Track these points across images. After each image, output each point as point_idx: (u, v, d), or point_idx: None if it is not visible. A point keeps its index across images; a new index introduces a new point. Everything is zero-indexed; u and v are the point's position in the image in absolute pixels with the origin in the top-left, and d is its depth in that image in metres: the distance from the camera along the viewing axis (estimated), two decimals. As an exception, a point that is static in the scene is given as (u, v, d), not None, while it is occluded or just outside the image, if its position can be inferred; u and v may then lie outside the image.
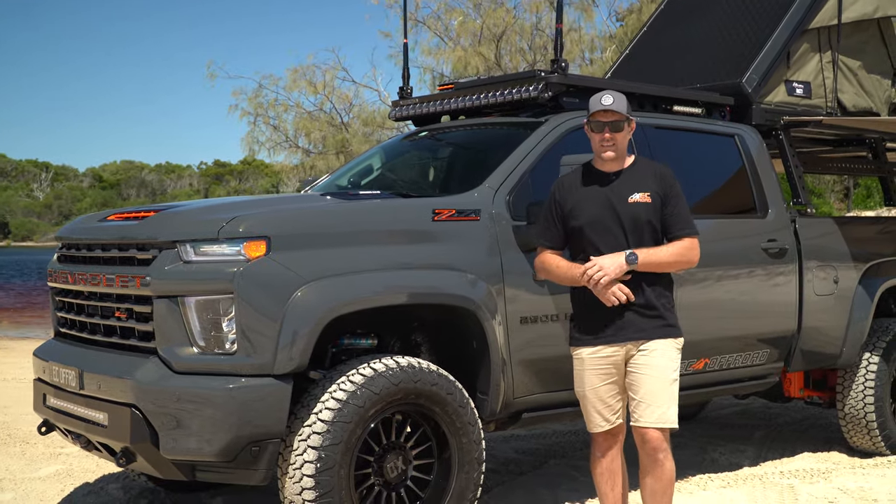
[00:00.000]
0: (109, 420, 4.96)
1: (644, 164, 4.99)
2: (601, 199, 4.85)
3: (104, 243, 5.31)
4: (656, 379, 4.77)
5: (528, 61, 29.20)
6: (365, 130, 33.66)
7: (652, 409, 4.76)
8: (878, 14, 8.17)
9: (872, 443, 7.56)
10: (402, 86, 7.39)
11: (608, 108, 4.82)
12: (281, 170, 42.75)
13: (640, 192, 4.81)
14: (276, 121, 34.38)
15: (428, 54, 31.37)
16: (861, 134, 8.23)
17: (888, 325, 7.70)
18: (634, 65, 8.55)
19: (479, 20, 30.05)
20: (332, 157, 33.71)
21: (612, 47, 29.03)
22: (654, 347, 4.79)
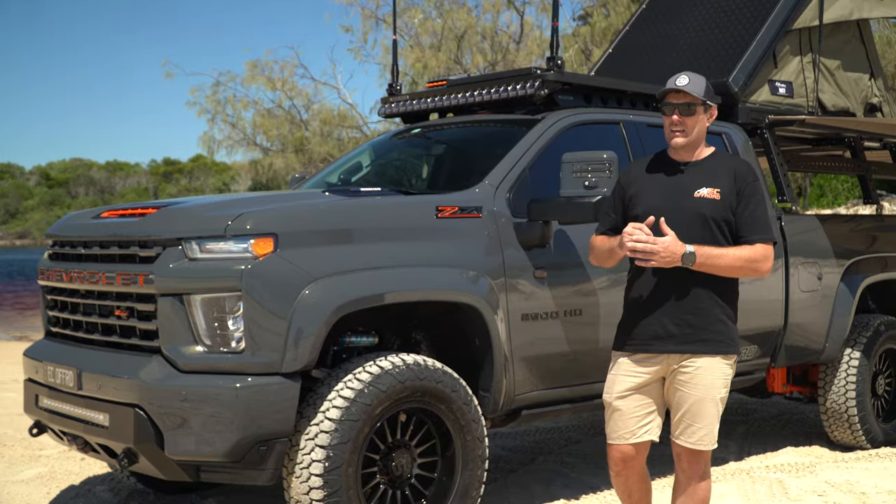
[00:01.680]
0: (111, 421, 4.88)
1: (722, 159, 4.55)
2: (665, 190, 4.44)
3: (102, 240, 5.22)
4: (701, 399, 4.40)
5: (487, 61, 29.23)
6: (325, 129, 33.53)
7: (692, 430, 4.42)
8: (853, 16, 8.28)
9: (854, 437, 7.66)
10: (392, 82, 7.36)
11: (681, 89, 4.38)
12: (234, 168, 42.46)
13: (708, 188, 4.38)
14: (234, 118, 34.13)
15: (387, 52, 31.29)
16: (840, 133, 8.32)
17: (868, 320, 7.80)
18: (618, 63, 8.58)
19: (438, 20, 30.04)
20: (291, 155, 33.54)
21: (575, 46, 29.13)
22: (701, 364, 4.39)
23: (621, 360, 4.57)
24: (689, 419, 4.44)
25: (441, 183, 6.40)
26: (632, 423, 4.54)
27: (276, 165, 35.15)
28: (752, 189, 4.43)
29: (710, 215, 4.37)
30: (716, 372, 4.43)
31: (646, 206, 4.44)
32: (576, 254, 5.75)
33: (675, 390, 4.48)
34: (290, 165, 34.80)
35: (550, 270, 5.64)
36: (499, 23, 30.20)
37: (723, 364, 4.45)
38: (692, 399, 4.42)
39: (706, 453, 4.50)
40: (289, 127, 34.08)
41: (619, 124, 6.39)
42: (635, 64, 8.39)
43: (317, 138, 33.32)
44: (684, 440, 4.47)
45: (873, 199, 8.43)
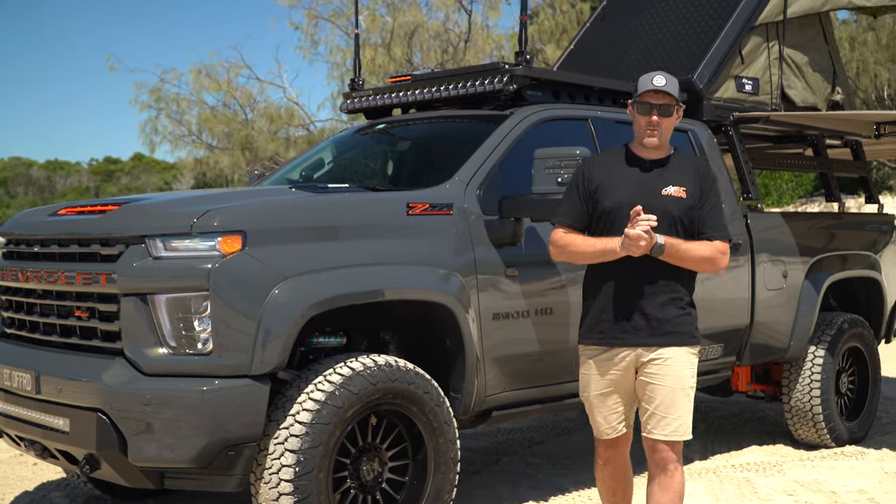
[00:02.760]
0: (72, 426, 4.69)
1: (684, 159, 4.63)
2: (634, 186, 4.47)
3: (61, 238, 5.02)
4: (671, 389, 4.43)
5: (437, 60, 29.10)
6: (270, 127, 33.19)
7: (666, 422, 4.44)
8: (826, 7, 8.26)
9: (818, 436, 7.64)
10: (354, 78, 7.21)
11: (660, 89, 4.41)
12: (178, 166, 41.96)
13: (675, 186, 4.44)
14: (178, 115, 33.67)
15: (336, 51, 31.09)
16: (802, 131, 8.31)
17: (832, 318, 7.79)
18: (579, 60, 8.50)
19: (388, 18, 29.87)
20: (238, 153, 33.17)
21: (524, 45, 29.04)
22: (668, 355, 4.43)
23: (591, 357, 4.62)
24: (662, 411, 4.46)
25: (408, 180, 6.26)
26: (613, 419, 4.64)
27: (221, 163, 34.74)
28: (712, 188, 4.55)
29: (677, 214, 4.45)
30: (684, 363, 4.49)
31: (614, 201, 4.48)
32: (548, 251, 5.63)
33: (644, 384, 4.51)
34: (236, 163, 34.42)
35: (522, 268, 5.54)
36: (448, 21, 30.09)
37: (689, 354, 4.53)
38: (664, 391, 4.46)
39: (679, 444, 4.52)
40: (234, 125, 33.67)
41: (588, 120, 6.31)
42: (597, 61, 8.32)
43: (263, 136, 32.95)
44: (659, 433, 4.48)
45: (836, 197, 8.43)
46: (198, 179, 52.08)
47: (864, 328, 8.02)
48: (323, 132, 33.99)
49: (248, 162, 34.08)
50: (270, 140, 33.56)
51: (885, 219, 8.60)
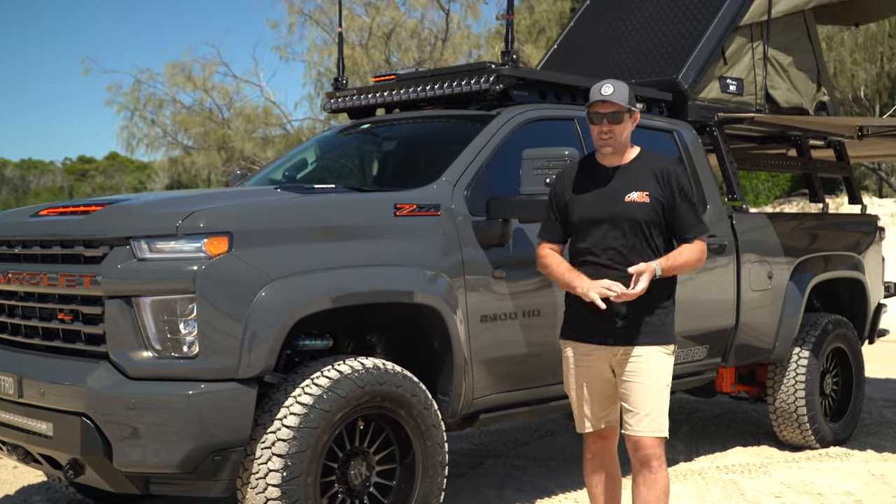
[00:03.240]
0: (55, 430, 4.61)
1: (648, 160, 4.66)
2: (597, 196, 4.58)
3: (43, 240, 4.93)
4: (647, 387, 4.54)
5: (414, 59, 29.07)
6: (248, 126, 33.06)
7: (641, 418, 4.55)
8: (811, 4, 8.25)
9: (803, 437, 7.64)
10: (338, 77, 7.15)
11: (607, 99, 4.52)
12: (153, 166, 41.71)
13: (637, 191, 4.52)
14: (153, 116, 33.47)
15: (315, 49, 31.00)
16: (786, 131, 8.31)
17: (816, 319, 7.79)
18: (564, 60, 8.46)
19: (366, 18, 29.79)
20: (214, 153, 33.02)
21: (501, 45, 29.08)
22: (643, 353, 4.54)
23: (570, 352, 4.73)
24: (637, 408, 4.57)
25: (394, 180, 6.19)
26: (597, 410, 4.73)
27: (197, 163, 34.61)
28: (681, 187, 4.58)
29: (642, 218, 4.51)
30: (657, 361, 4.58)
31: (580, 214, 4.62)
32: (535, 252, 5.60)
33: (620, 381, 4.62)
34: (212, 163, 34.31)
35: (509, 270, 5.50)
36: (426, 20, 30.07)
37: (663, 353, 4.60)
38: (637, 388, 4.56)
39: (660, 441, 4.59)
40: (210, 124, 33.51)
41: (574, 121, 6.27)
42: (581, 60, 8.28)
43: (240, 136, 32.82)
44: (634, 429, 4.58)
45: (820, 198, 8.43)
46: (172, 179, 51.84)
47: (848, 329, 8.02)
48: (300, 131, 33.91)
49: (225, 162, 33.97)
50: (247, 139, 33.45)
51: (868, 220, 8.61)
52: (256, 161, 33.95)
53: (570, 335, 4.72)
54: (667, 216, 4.56)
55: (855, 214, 8.69)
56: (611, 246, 4.51)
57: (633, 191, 4.53)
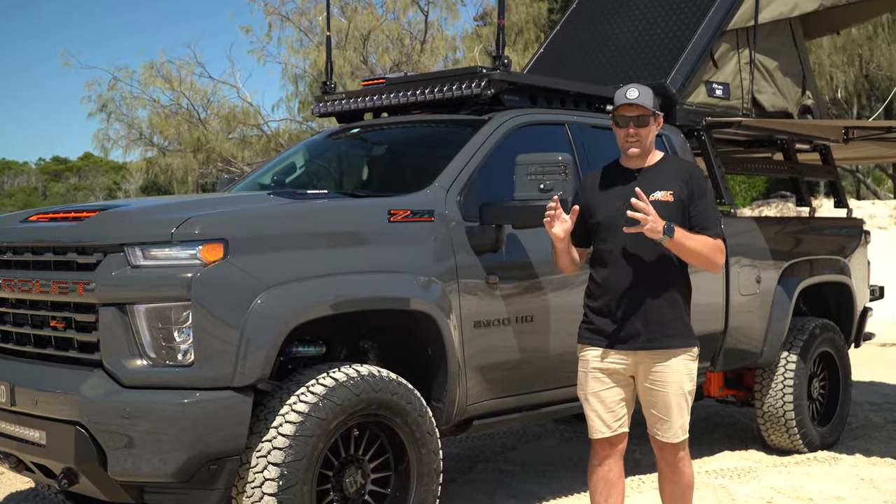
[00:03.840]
0: (48, 439, 4.57)
1: (671, 163, 4.80)
2: (621, 197, 4.59)
3: (35, 246, 4.88)
4: (673, 394, 4.64)
5: (392, 60, 28.98)
6: (224, 128, 32.86)
7: (667, 425, 4.69)
8: (795, 13, 8.29)
9: (791, 441, 7.66)
10: (326, 80, 7.11)
11: (633, 102, 4.59)
12: (128, 167, 41.48)
13: (661, 191, 4.59)
14: (129, 117, 33.22)
15: (292, 51, 30.86)
16: (772, 135, 8.33)
17: (804, 323, 7.81)
18: (551, 63, 8.45)
19: (342, 19, 29.67)
20: (190, 154, 32.81)
21: (480, 47, 29.10)
22: (666, 360, 4.62)
23: (590, 357, 4.76)
24: (662, 414, 4.68)
25: (385, 185, 6.15)
26: (609, 418, 4.76)
27: (173, 165, 34.39)
28: (703, 189, 4.69)
29: (666, 217, 4.51)
30: (681, 368, 4.67)
31: (604, 215, 4.69)
32: (529, 259, 5.61)
33: (645, 389, 4.70)
34: (188, 165, 34.10)
35: (503, 276, 5.49)
36: (403, 22, 29.99)
37: (686, 360, 4.69)
38: (662, 396, 4.66)
39: (684, 442, 4.76)
40: (187, 126, 33.29)
41: (565, 125, 6.27)
42: (569, 64, 8.27)
43: (217, 137, 32.61)
44: (660, 435, 4.73)
45: (806, 202, 8.46)
46: (147, 181, 51.45)
47: (835, 333, 8.06)
48: (278, 133, 33.75)
49: (202, 163, 33.77)
50: (224, 140, 33.25)
51: (854, 223, 8.66)
52: (233, 162, 33.79)
53: (591, 340, 4.76)
54: (688, 215, 4.63)
55: (841, 218, 8.74)
56: (633, 244, 4.57)
57: (657, 190, 4.60)
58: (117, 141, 34.20)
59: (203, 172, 33.55)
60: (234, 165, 33.14)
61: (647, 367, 4.65)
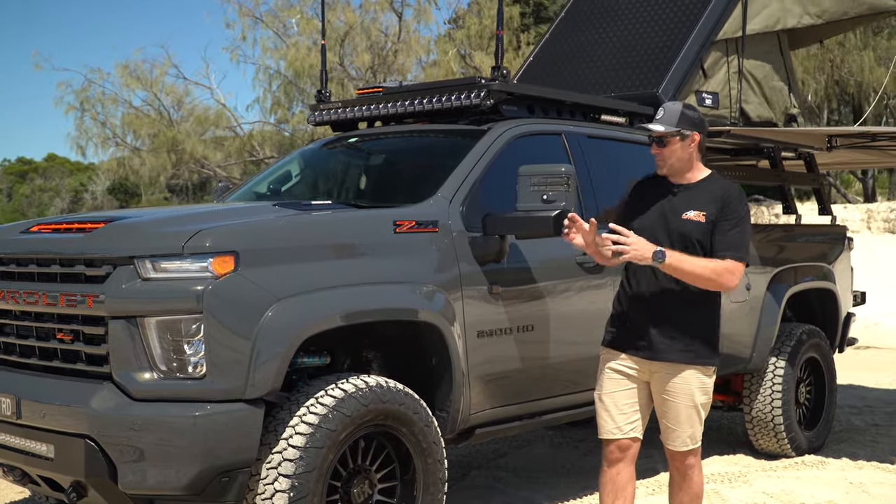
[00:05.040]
0: (57, 452, 4.54)
1: (712, 183, 4.78)
2: (658, 209, 4.75)
3: (40, 258, 4.86)
4: (684, 405, 4.72)
5: (368, 63, 29.00)
6: (198, 129, 32.76)
7: (676, 434, 4.78)
8: (778, 26, 8.40)
9: (779, 445, 7.75)
10: (321, 89, 7.11)
11: (654, 124, 4.73)
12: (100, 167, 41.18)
13: (695, 210, 4.65)
14: (103, 116, 33.06)
15: (266, 53, 30.81)
16: (758, 143, 8.42)
17: (791, 329, 7.90)
18: (540, 73, 8.50)
19: (316, 20, 29.63)
20: (164, 155, 32.68)
21: (454, 51, 29.15)
22: (685, 374, 4.69)
23: (609, 358, 4.87)
24: (672, 425, 4.78)
25: (384, 195, 6.13)
26: (620, 420, 4.84)
27: (147, 165, 34.24)
28: (736, 213, 4.67)
29: (695, 237, 4.64)
30: (694, 382, 4.73)
31: (639, 224, 4.74)
32: (531, 269, 5.65)
33: (659, 398, 4.80)
34: (162, 165, 33.98)
35: (506, 286, 5.53)
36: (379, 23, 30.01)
37: (700, 375, 4.74)
38: (674, 407, 4.74)
39: (695, 451, 4.86)
40: (160, 126, 33.16)
41: (562, 135, 6.31)
42: (559, 73, 8.33)
43: (191, 139, 32.51)
44: (670, 444, 4.84)
45: (793, 209, 8.56)
46: (115, 182, 51.08)
47: (820, 339, 8.16)
48: (252, 135, 33.68)
49: (175, 164, 33.65)
50: (198, 142, 33.16)
51: (838, 230, 8.76)
52: (206, 164, 33.69)
53: (614, 344, 4.85)
54: (713, 233, 4.65)
55: (826, 225, 8.83)
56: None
57: (691, 209, 4.68)
58: (90, 139, 34.01)
59: (176, 173, 33.44)
60: (207, 167, 33.05)
61: (662, 378, 4.74)
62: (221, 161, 33.68)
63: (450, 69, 28.42)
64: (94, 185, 59.46)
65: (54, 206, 57.39)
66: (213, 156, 33.45)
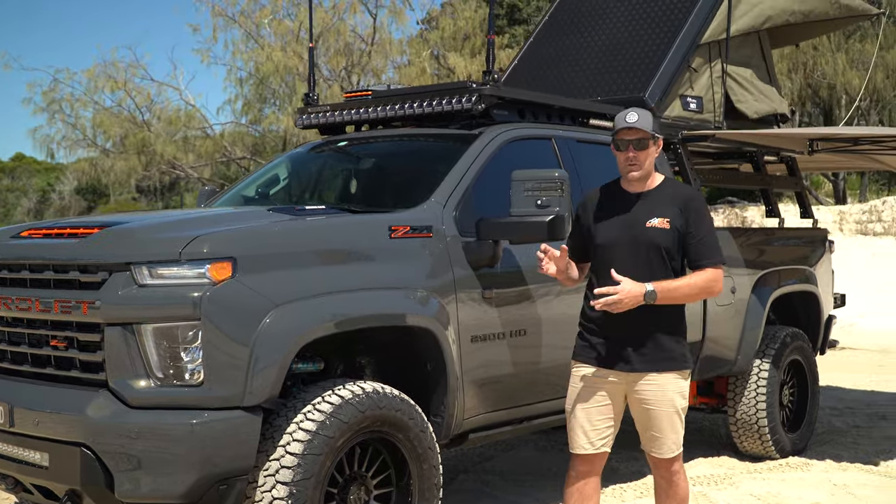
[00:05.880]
0: (51, 461, 4.50)
1: (670, 188, 4.81)
2: (620, 221, 4.70)
3: (33, 264, 4.80)
4: (665, 413, 4.70)
5: (342, 64, 28.93)
6: (168, 130, 32.57)
7: (661, 442, 4.75)
8: (767, 25, 8.44)
9: (763, 447, 7.79)
10: (308, 92, 7.08)
11: (633, 126, 4.64)
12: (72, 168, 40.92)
13: (658, 218, 4.63)
14: (72, 118, 32.80)
15: (236, 54, 30.67)
16: (741, 147, 8.46)
17: (775, 332, 7.95)
18: (526, 77, 8.49)
19: (288, 20, 29.57)
20: (134, 156, 32.46)
21: (427, 51, 29.13)
22: (659, 381, 4.67)
23: (582, 373, 4.81)
24: (655, 432, 4.75)
25: (375, 200, 6.07)
26: (593, 435, 4.81)
27: (116, 167, 34.04)
28: (700, 216, 4.71)
29: (663, 245, 4.64)
30: (672, 388, 4.71)
31: (603, 238, 4.74)
32: (524, 274, 5.65)
33: (638, 408, 4.76)
34: (132, 167, 33.79)
35: (499, 291, 5.52)
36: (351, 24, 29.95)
37: (678, 380, 4.74)
38: (654, 415, 4.72)
39: (678, 457, 4.83)
40: (130, 127, 32.95)
41: (551, 139, 6.31)
42: (545, 77, 8.34)
43: (161, 140, 32.32)
44: (654, 452, 4.81)
45: (776, 212, 8.61)
46: (83, 183, 50.66)
47: (804, 341, 8.22)
48: (223, 135, 33.54)
49: (145, 165, 33.46)
50: (168, 143, 32.99)
51: (820, 233, 8.83)
52: (177, 165, 33.50)
53: (584, 357, 4.81)
54: (683, 243, 4.68)
55: (808, 228, 8.90)
56: (631, 269, 4.57)
57: (654, 217, 4.65)
58: (61, 142, 33.80)
59: (147, 175, 33.24)
60: (177, 168, 32.88)
61: (641, 389, 4.69)
62: (193, 162, 33.51)
63: (423, 70, 28.42)
64: (62, 186, 59.03)
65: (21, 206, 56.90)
66: (183, 157, 33.28)
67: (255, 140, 33.79)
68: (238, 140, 34.24)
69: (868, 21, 20.40)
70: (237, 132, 34.32)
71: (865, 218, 22.64)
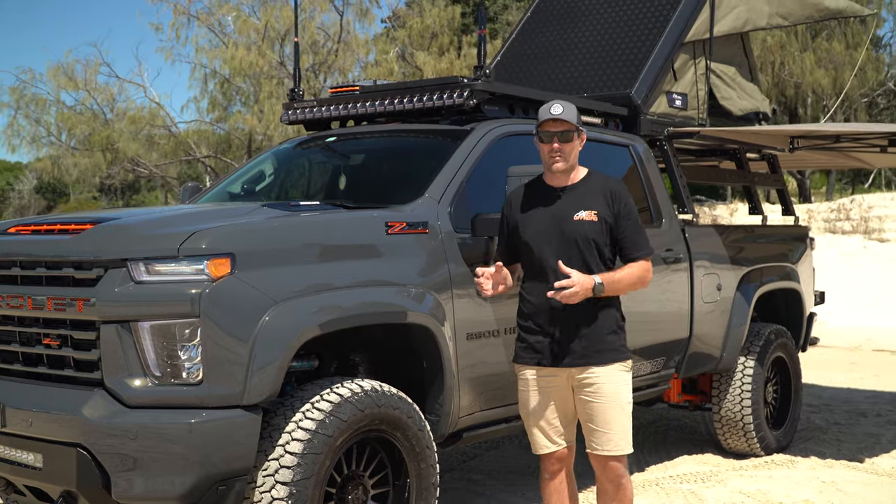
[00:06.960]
0: (45, 461, 4.39)
1: (595, 180, 4.81)
2: (546, 216, 4.72)
3: (24, 260, 4.69)
4: (609, 406, 4.68)
5: (310, 62, 28.78)
6: (132, 128, 32.27)
7: (607, 438, 4.71)
8: (747, 27, 8.47)
9: (748, 445, 7.80)
10: (294, 87, 6.99)
11: (558, 118, 4.64)
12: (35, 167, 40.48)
13: (586, 210, 4.67)
14: (37, 115, 32.43)
15: (200, 52, 30.44)
16: (724, 144, 8.47)
17: (760, 329, 7.96)
18: (509, 72, 8.46)
19: (254, 18, 29.37)
20: (98, 154, 32.13)
21: (395, 49, 29.04)
22: (600, 373, 4.67)
23: (528, 376, 4.84)
24: (602, 427, 4.72)
25: (367, 196, 5.97)
26: (552, 433, 4.85)
27: (80, 165, 33.71)
28: (627, 209, 4.75)
29: (591, 237, 4.67)
30: (617, 379, 4.72)
31: (532, 233, 4.76)
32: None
33: (583, 403, 4.75)
34: (96, 165, 33.49)
35: (494, 288, 5.46)
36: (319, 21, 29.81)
37: (621, 371, 4.75)
38: (601, 408, 4.70)
39: (624, 457, 4.77)
40: (95, 125, 32.62)
41: (539, 135, 6.26)
42: (530, 73, 8.30)
43: (125, 137, 32.01)
44: (601, 449, 4.74)
45: (759, 210, 8.62)
46: (43, 182, 50.14)
47: (787, 338, 8.24)
48: (187, 133, 33.28)
49: (109, 163, 33.16)
50: (132, 141, 32.70)
51: (801, 230, 8.86)
52: (142, 164, 33.22)
53: (526, 359, 4.82)
54: (613, 235, 4.72)
55: (790, 226, 8.92)
56: (566, 264, 4.57)
57: (581, 210, 4.69)
58: (25, 139, 33.45)
59: (111, 173, 32.92)
60: (141, 166, 32.59)
61: (583, 382, 4.70)
62: (157, 160, 33.24)
63: (391, 69, 28.33)
64: (21, 184, 58.45)
65: (-22, 205, 56.34)
66: (147, 155, 33.01)
67: (220, 138, 33.55)
68: (203, 139, 34.01)
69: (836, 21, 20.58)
70: (202, 130, 34.06)
71: (833, 216, 22.80)
